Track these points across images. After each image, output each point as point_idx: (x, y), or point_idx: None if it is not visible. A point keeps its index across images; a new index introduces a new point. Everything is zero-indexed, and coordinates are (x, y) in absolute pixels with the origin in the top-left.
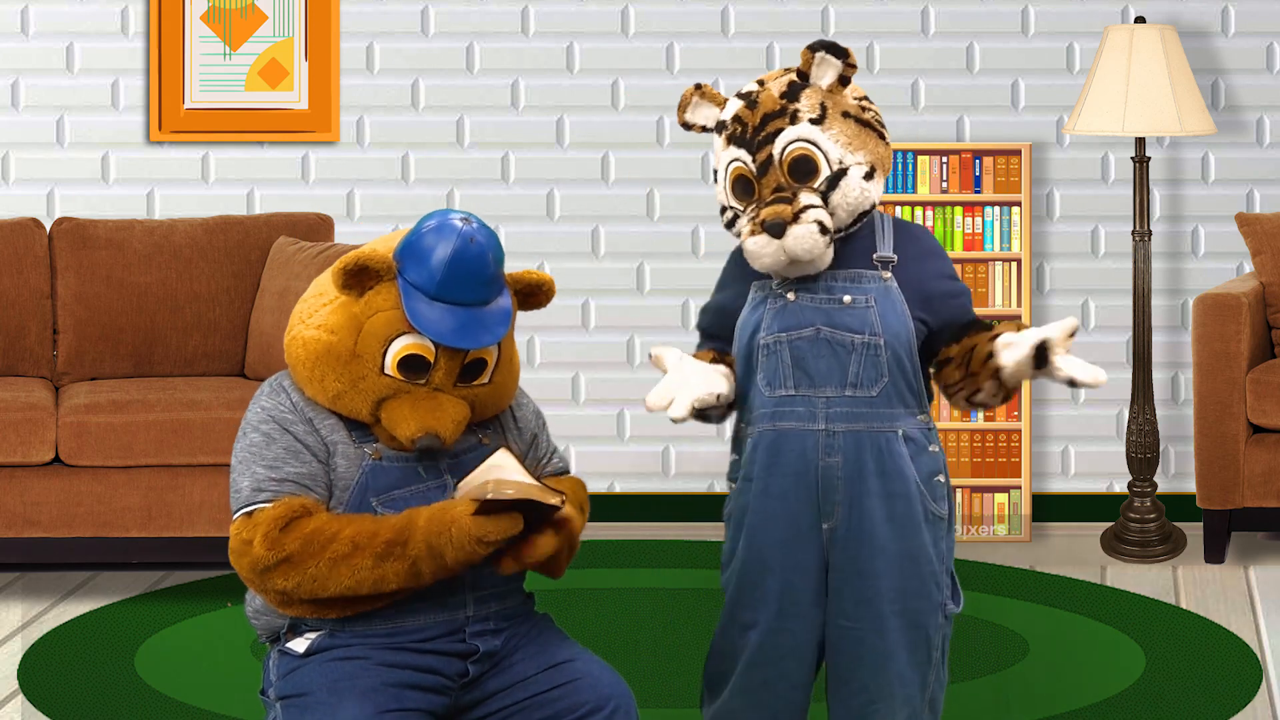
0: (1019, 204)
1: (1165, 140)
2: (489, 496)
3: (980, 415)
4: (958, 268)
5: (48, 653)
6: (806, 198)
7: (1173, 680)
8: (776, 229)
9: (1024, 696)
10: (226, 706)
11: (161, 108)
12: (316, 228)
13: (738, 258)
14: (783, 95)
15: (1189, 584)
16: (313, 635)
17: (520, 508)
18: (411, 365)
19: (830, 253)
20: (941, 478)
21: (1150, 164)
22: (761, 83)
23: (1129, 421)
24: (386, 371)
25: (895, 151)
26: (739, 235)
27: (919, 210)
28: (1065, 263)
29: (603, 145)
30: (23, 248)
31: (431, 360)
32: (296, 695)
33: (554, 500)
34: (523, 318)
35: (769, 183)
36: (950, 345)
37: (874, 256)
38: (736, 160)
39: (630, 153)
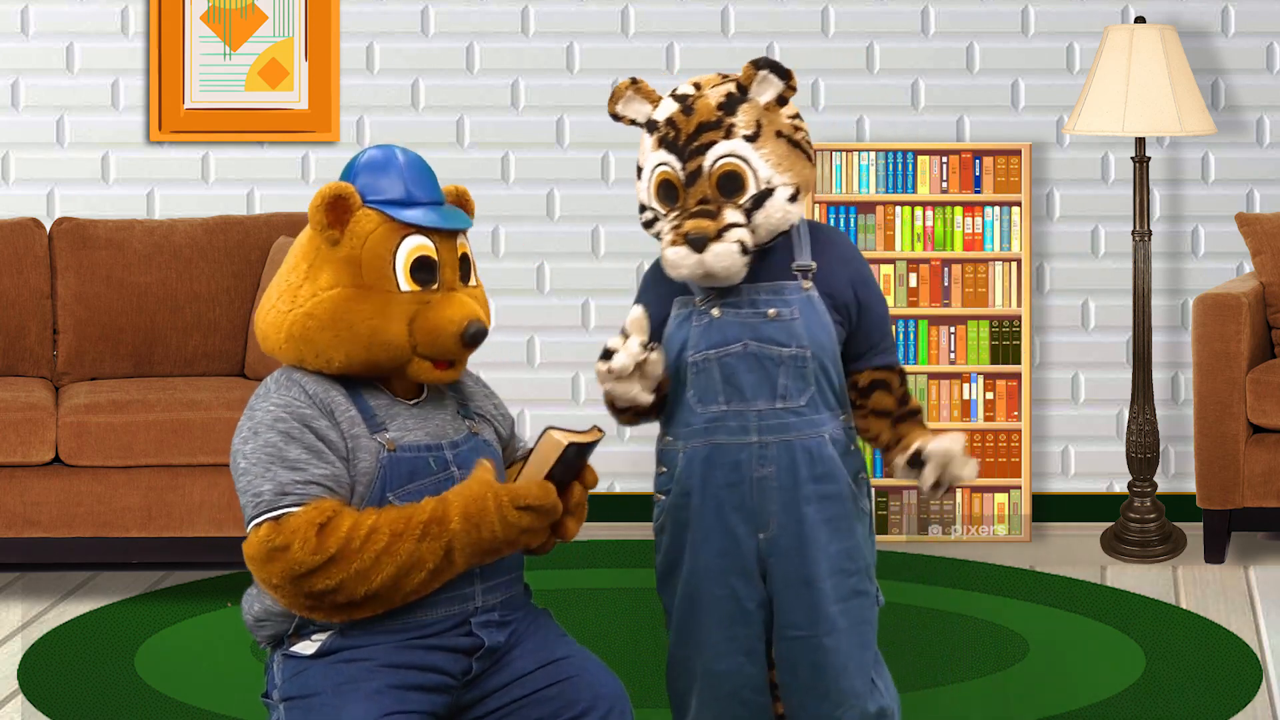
0: (1019, 204)
1: (1165, 140)
2: (575, 440)
3: (980, 415)
4: (957, 268)
5: (48, 653)
6: (731, 214)
7: (1173, 680)
8: (698, 243)
9: (1024, 696)
10: (226, 706)
11: (161, 108)
12: None
13: (659, 266)
14: (720, 106)
15: (1189, 584)
16: (321, 636)
17: (585, 452)
18: (423, 268)
19: (745, 270)
20: (863, 474)
21: (1150, 164)
22: (698, 86)
23: (1129, 421)
24: (403, 287)
25: (895, 151)
26: (656, 236)
27: (919, 210)
28: (1065, 263)
29: (603, 145)
30: (23, 248)
31: (437, 259)
32: (301, 697)
33: (598, 436)
34: (523, 317)
35: (695, 193)
36: (875, 393)
37: (793, 266)
38: (665, 165)
39: (630, 153)
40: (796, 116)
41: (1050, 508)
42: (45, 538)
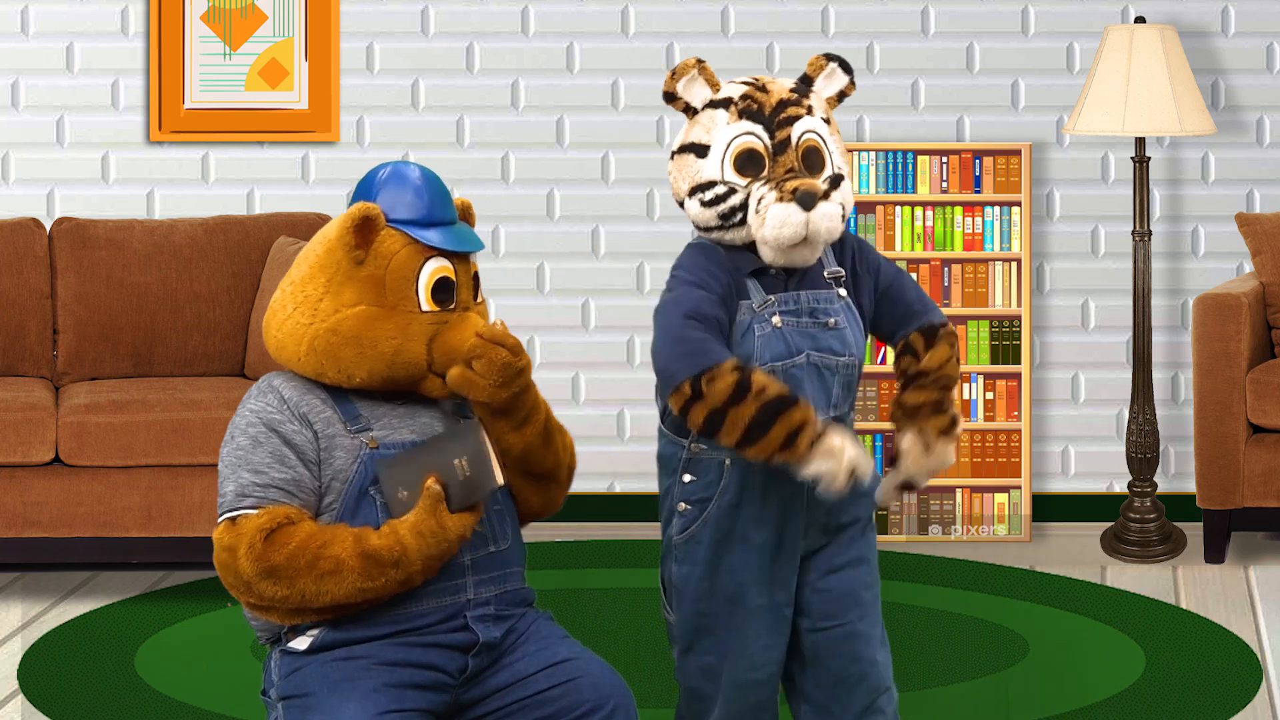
0: (1019, 204)
1: (1165, 140)
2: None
3: (980, 415)
4: (958, 268)
5: (48, 653)
6: (823, 182)
7: (1173, 680)
8: (809, 200)
9: (1024, 696)
10: (226, 706)
11: (161, 108)
12: (316, 228)
13: (710, 260)
14: (793, 90)
15: (1189, 584)
16: (315, 631)
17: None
18: (443, 289)
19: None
20: None
21: (1150, 164)
22: (754, 78)
23: (1129, 421)
24: (425, 307)
25: (895, 151)
26: (725, 214)
27: (919, 210)
28: (1065, 263)
29: (603, 145)
30: (23, 248)
31: (455, 280)
32: (298, 696)
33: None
34: (523, 317)
35: (784, 161)
36: (914, 356)
37: (826, 274)
38: (749, 134)
39: (630, 153)
40: None
41: (1050, 508)
42: (45, 538)
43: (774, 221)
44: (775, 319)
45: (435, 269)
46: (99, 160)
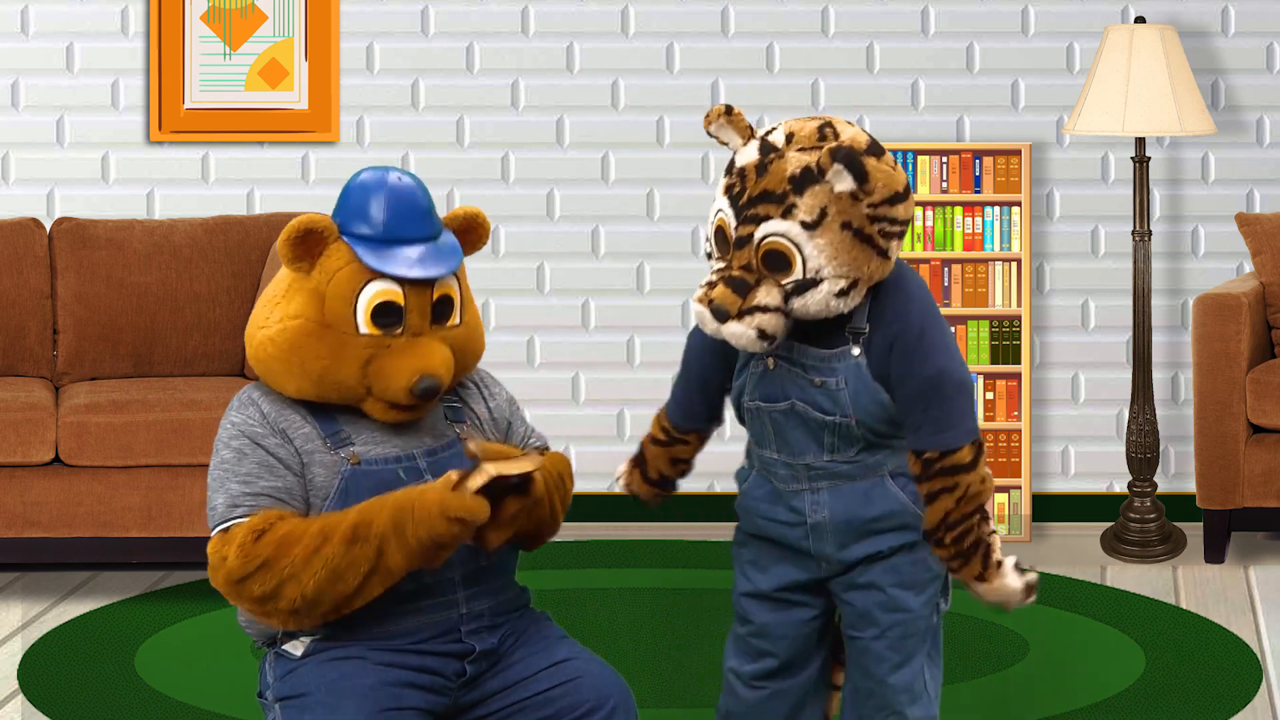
0: (1019, 204)
1: (1165, 140)
2: (503, 474)
3: (980, 415)
4: (958, 268)
5: (48, 653)
6: (764, 295)
7: (1173, 680)
8: (720, 315)
9: (1024, 696)
10: (226, 706)
11: (161, 108)
12: None
13: None
14: (791, 179)
15: (1189, 584)
16: (308, 639)
17: (513, 487)
18: (385, 313)
19: (766, 346)
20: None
21: (1150, 164)
22: (791, 138)
23: (1129, 421)
24: (362, 330)
25: (895, 152)
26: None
27: (919, 210)
28: (1065, 263)
29: (603, 145)
30: (23, 248)
31: (403, 304)
32: (295, 696)
33: (529, 466)
34: (523, 317)
35: (741, 257)
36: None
37: (847, 328)
38: (724, 215)
39: (630, 153)
40: (886, 202)
41: (1050, 508)
42: (45, 538)
43: (694, 314)
44: (770, 360)
45: (376, 292)
46: (99, 160)
